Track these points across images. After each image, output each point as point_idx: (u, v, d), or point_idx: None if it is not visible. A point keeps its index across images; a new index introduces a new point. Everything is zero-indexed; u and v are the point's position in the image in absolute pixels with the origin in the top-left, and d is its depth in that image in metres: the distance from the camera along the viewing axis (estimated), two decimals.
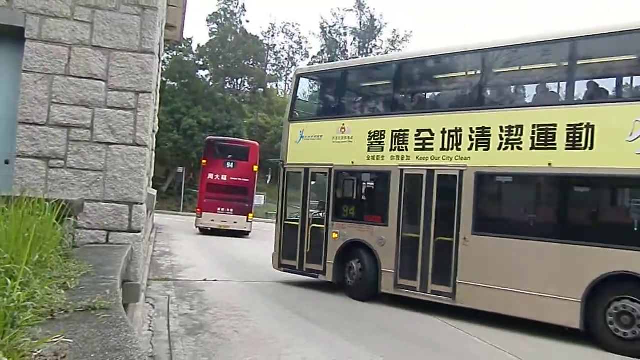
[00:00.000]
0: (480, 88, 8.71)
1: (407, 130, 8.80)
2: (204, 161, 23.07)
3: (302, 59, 59.11)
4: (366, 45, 56.89)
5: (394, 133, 8.95)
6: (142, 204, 5.36)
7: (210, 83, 51.46)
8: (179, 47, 44.39)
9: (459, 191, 8.10)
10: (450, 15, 78.66)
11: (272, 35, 58.01)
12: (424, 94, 10.14)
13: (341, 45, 57.26)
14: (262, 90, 52.58)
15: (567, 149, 7.20)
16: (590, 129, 7.01)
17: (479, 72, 8.79)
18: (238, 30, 52.16)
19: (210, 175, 22.17)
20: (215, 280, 10.41)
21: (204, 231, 22.35)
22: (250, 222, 22.04)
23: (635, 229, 6.93)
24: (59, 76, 5.18)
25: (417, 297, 8.55)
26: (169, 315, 7.32)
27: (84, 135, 5.20)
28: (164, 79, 44.13)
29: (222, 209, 21.80)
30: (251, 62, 53.10)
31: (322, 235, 9.86)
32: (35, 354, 1.76)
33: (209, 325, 6.91)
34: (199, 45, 51.12)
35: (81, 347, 1.86)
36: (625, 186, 7.34)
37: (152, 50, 5.39)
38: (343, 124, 9.69)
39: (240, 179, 21.90)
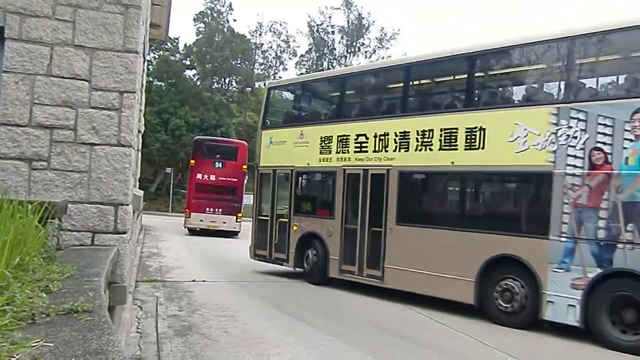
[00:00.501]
0: (402, 97, 10.13)
1: (349, 135, 10.25)
2: (192, 161, 22.96)
3: (290, 58, 58.94)
4: (354, 43, 56.90)
5: (339, 138, 10.42)
6: (127, 204, 5.30)
7: (198, 83, 51.16)
8: (166, 46, 44.09)
9: (387, 187, 9.46)
10: (443, 15, 78.84)
11: (260, 34, 57.67)
12: (361, 103, 11.45)
13: (329, 44, 57.20)
14: (250, 89, 52.38)
15: (465, 149, 8.44)
16: (482, 132, 8.23)
17: (401, 84, 10.14)
18: (225, 29, 51.89)
19: (199, 175, 22.07)
20: (204, 281, 10.36)
21: (193, 232, 22.23)
22: (240, 222, 21.96)
23: (517, 217, 8.22)
24: (41, 76, 5.10)
25: (355, 280, 9.97)
26: (157, 316, 7.26)
27: (68, 136, 5.12)
28: (151, 79, 43.82)
29: (211, 209, 21.71)
30: (239, 61, 52.86)
31: (286, 228, 11.40)
32: (14, 358, 1.72)
33: (198, 326, 6.86)
34: (185, 45, 50.81)
35: (61, 350, 1.83)
36: (508, 181, 8.68)
37: (135, 50, 5.33)
38: (301, 131, 11.26)
39: (229, 179, 21.82)
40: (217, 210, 21.64)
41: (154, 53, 45.47)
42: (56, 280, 2.93)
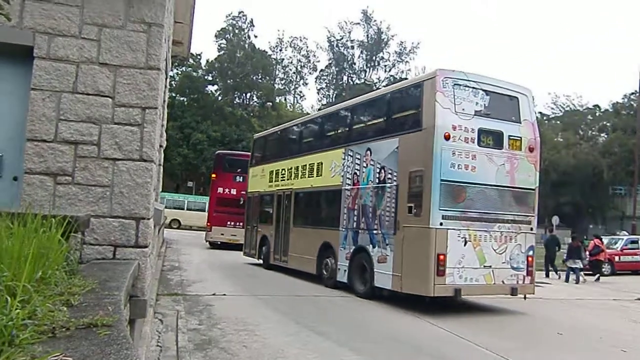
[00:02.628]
0: (297, 144, 15.79)
1: (279, 170, 15.82)
2: (213, 175, 23.17)
3: (310, 73, 59.50)
4: (374, 57, 57.12)
5: (275, 171, 16.10)
6: (149, 219, 5.37)
7: (220, 98, 51.90)
8: (188, 62, 44.87)
9: (290, 202, 14.83)
10: (464, 27, 78.86)
11: (280, 50, 58.51)
12: (285, 148, 16.65)
13: (349, 59, 57.54)
14: (270, 104, 52.94)
15: (316, 176, 13.59)
16: (321, 165, 13.36)
17: (295, 136, 16.30)
18: (246, 45, 52.69)
19: (220, 189, 22.26)
20: (224, 295, 10.37)
21: (214, 245, 22.35)
22: None
23: (330, 217, 12.70)
24: (67, 93, 5.23)
25: (278, 264, 15.09)
26: (177, 330, 7.28)
27: (91, 151, 5.23)
28: (174, 95, 44.58)
29: (232, 223, 21.83)
30: (260, 77, 53.55)
31: (256, 233, 17.03)
32: None
33: (218, 340, 6.86)
34: (207, 61, 51.70)
35: None
36: (328, 195, 13.12)
37: (158, 67, 5.44)
38: (262, 168, 17.15)
39: None
40: (238, 224, 21.73)
41: (177, 69, 46.33)
42: (77, 294, 2.96)
